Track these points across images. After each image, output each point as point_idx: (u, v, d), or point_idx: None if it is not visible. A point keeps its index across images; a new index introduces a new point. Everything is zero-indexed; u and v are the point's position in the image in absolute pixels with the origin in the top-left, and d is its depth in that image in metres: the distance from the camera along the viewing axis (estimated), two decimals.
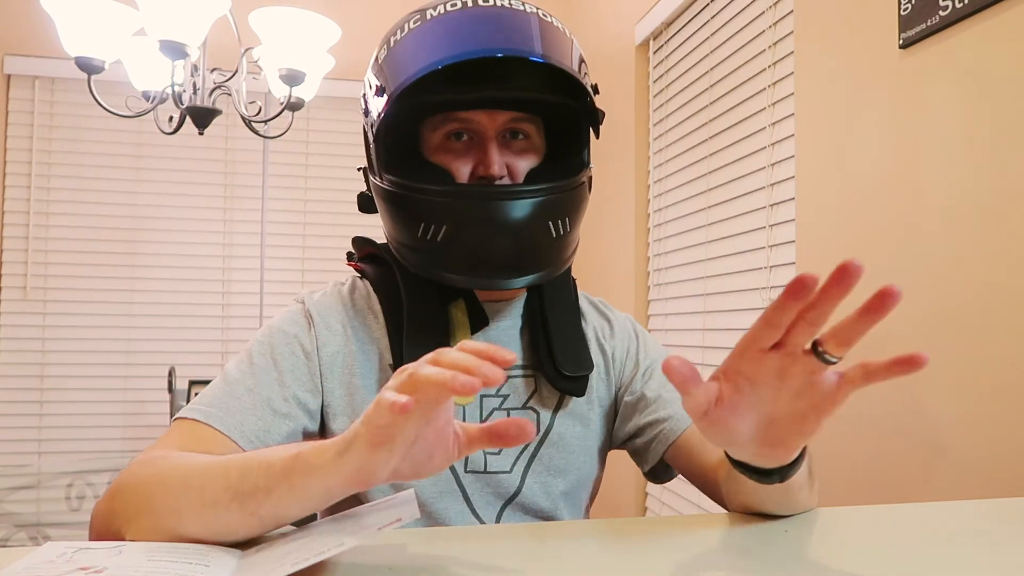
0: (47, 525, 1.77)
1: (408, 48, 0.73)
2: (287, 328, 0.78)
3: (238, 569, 0.48)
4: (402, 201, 0.75)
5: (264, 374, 0.73)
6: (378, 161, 0.78)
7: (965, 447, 1.10)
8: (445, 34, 0.71)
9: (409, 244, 0.76)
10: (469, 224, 0.72)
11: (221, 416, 0.69)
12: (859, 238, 1.36)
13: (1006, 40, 1.05)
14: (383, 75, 0.75)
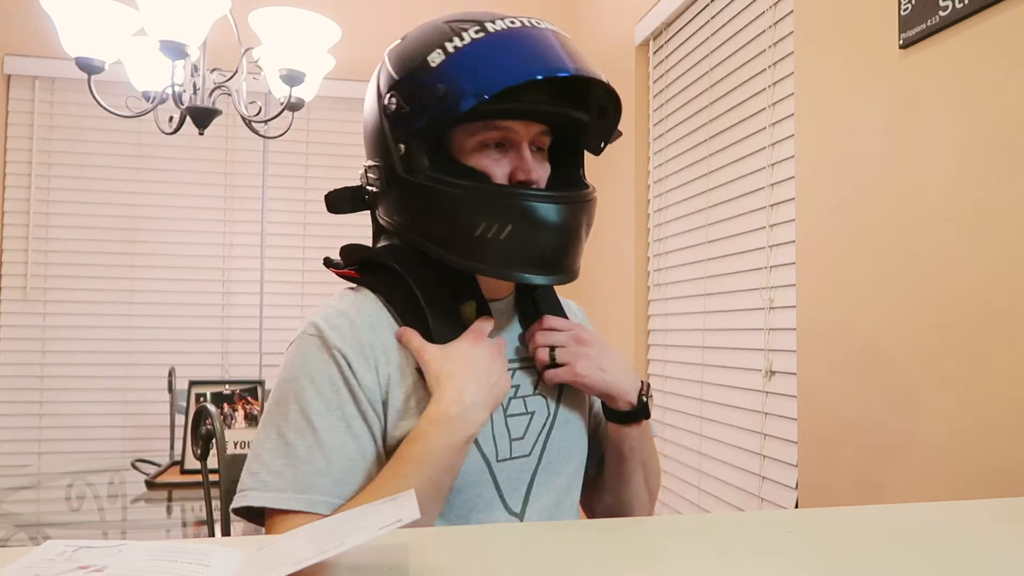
0: (47, 525, 1.77)
1: (477, 59, 0.76)
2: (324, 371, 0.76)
3: (238, 569, 0.48)
4: (459, 200, 0.77)
5: (331, 433, 0.75)
6: (420, 159, 0.79)
7: (965, 447, 1.10)
8: (522, 49, 0.76)
9: (460, 241, 0.78)
10: (532, 226, 0.77)
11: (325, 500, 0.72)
12: (859, 238, 1.36)
13: (1006, 40, 1.05)
14: (445, 79, 0.76)
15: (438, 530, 0.62)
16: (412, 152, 0.79)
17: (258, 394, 2.15)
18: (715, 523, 0.65)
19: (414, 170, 0.79)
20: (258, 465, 0.74)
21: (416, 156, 0.79)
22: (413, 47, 0.81)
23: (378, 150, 0.83)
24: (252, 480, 0.74)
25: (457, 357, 0.77)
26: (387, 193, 0.83)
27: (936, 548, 0.56)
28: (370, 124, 0.84)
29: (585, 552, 0.55)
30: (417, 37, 0.82)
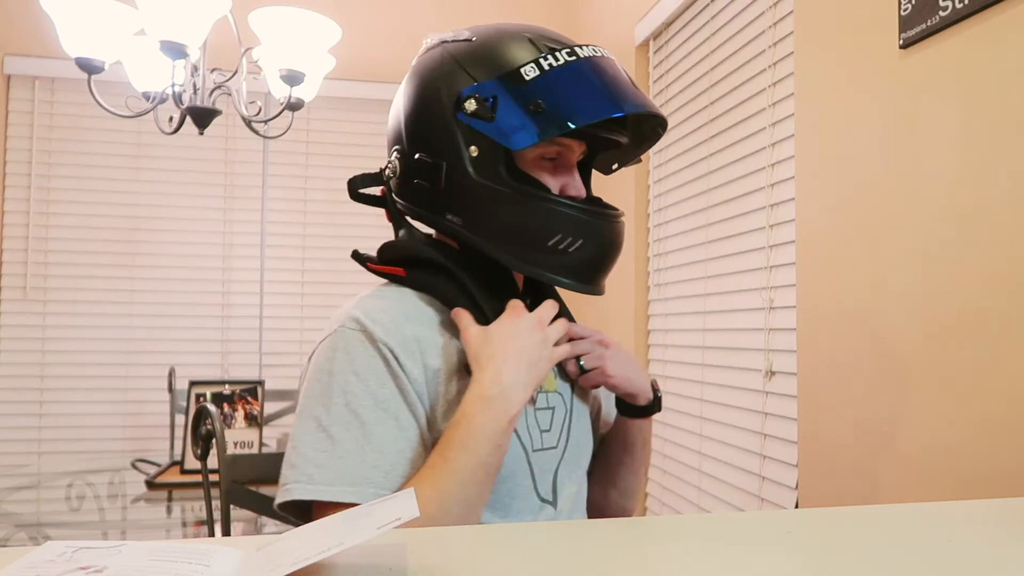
0: (47, 525, 1.77)
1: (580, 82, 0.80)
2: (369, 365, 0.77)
3: (238, 569, 0.48)
4: (539, 211, 0.81)
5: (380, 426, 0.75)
6: (502, 165, 0.80)
7: (965, 447, 1.10)
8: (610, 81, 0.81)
9: (526, 247, 0.81)
10: (597, 240, 0.83)
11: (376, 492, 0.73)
12: (859, 238, 1.36)
13: (1006, 40, 1.05)
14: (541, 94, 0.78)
15: (438, 530, 0.63)
16: (486, 156, 0.80)
17: (258, 394, 2.15)
18: (715, 523, 0.65)
19: (488, 175, 0.80)
20: (300, 459, 0.74)
21: (491, 161, 0.80)
22: (497, 55, 0.82)
23: (439, 149, 0.82)
24: (295, 473, 0.74)
25: (497, 338, 0.79)
26: (444, 191, 0.82)
27: (936, 548, 0.56)
28: (426, 121, 0.83)
29: (585, 552, 0.55)
30: (496, 44, 0.83)
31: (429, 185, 0.83)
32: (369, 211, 3.45)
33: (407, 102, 0.86)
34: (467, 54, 0.82)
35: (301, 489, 0.73)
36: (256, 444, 2.12)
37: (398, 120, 0.87)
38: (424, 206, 0.85)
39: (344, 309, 0.82)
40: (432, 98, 0.83)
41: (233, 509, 1.25)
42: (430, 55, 0.86)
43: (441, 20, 3.18)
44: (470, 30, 0.85)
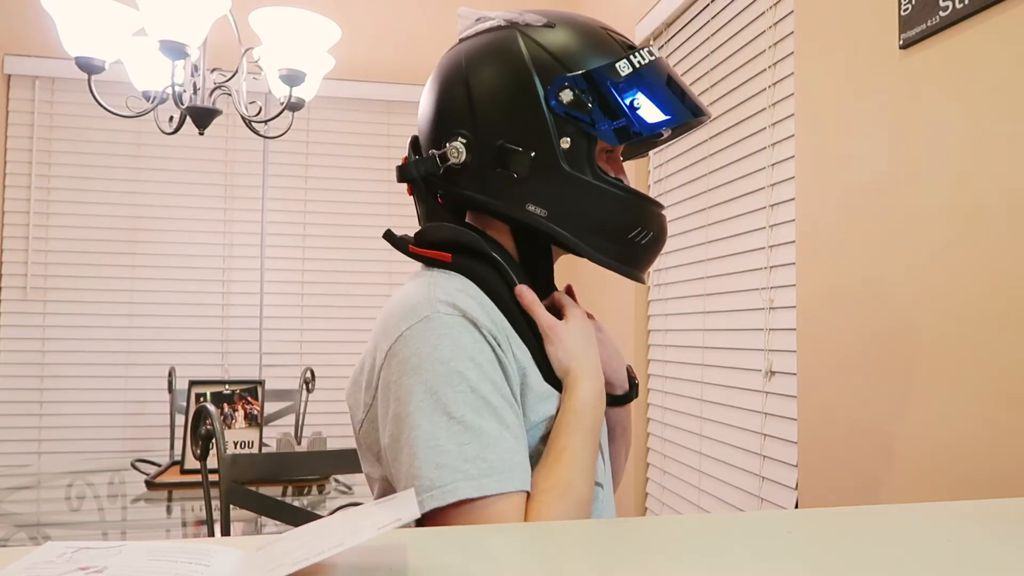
0: (47, 525, 1.77)
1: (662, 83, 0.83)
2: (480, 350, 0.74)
3: (238, 569, 0.48)
4: (627, 206, 0.83)
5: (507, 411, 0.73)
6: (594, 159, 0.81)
7: (965, 447, 1.10)
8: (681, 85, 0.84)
9: (608, 239, 0.82)
10: (661, 233, 0.86)
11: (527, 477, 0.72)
12: (859, 238, 1.36)
13: (1006, 40, 1.05)
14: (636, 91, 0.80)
15: (438, 530, 0.62)
16: (578, 148, 0.79)
17: (258, 394, 2.15)
18: (715, 523, 0.65)
19: (579, 167, 0.80)
20: (441, 456, 0.68)
21: (583, 153, 0.80)
22: (588, 46, 0.82)
23: (527, 137, 0.79)
24: (445, 473, 0.68)
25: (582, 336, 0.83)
26: (528, 181, 0.79)
27: (936, 548, 0.56)
28: (512, 107, 0.79)
29: (585, 551, 0.55)
30: (583, 35, 0.83)
31: (513, 174, 0.79)
32: (369, 211, 3.45)
33: (481, 85, 0.80)
34: (555, 42, 0.80)
35: (467, 487, 0.67)
36: (256, 444, 2.12)
37: (462, 103, 0.81)
38: (499, 195, 0.81)
39: (420, 296, 0.76)
40: (520, 84, 0.79)
41: (233, 509, 1.25)
42: (503, 36, 0.81)
43: (441, 20, 3.18)
44: (538, 14, 0.84)
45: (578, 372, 0.80)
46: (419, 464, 0.68)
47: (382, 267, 3.17)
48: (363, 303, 3.18)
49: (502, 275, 0.82)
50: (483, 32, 0.84)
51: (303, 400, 2.77)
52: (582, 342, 0.82)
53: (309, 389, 2.73)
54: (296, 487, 2.05)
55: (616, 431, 0.98)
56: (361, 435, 0.81)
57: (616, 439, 0.99)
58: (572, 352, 0.80)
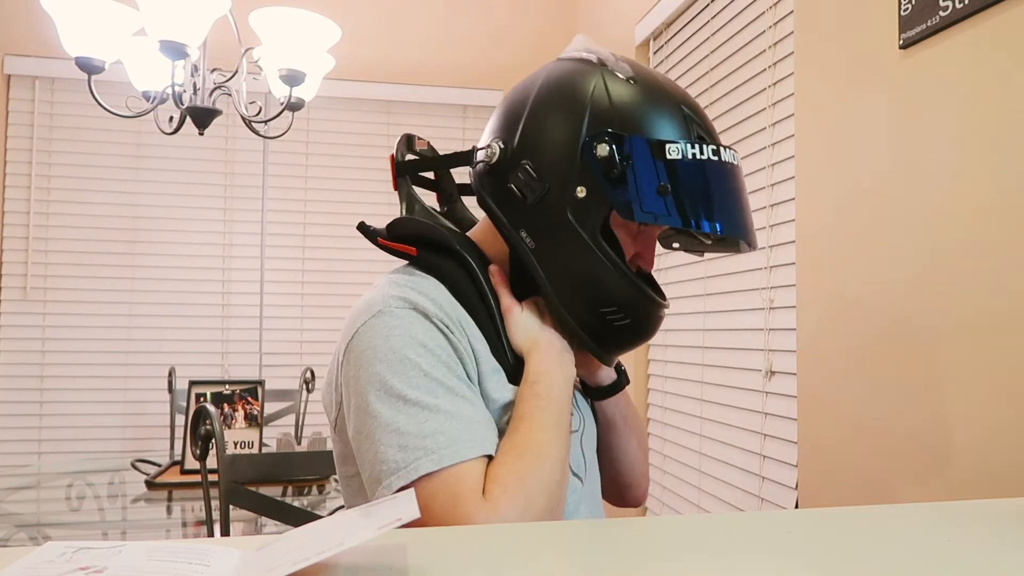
0: (47, 525, 1.77)
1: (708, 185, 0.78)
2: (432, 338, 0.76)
3: (238, 569, 0.48)
4: (611, 281, 0.80)
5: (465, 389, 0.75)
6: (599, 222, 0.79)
7: (965, 447, 1.10)
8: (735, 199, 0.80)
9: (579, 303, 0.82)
10: (641, 325, 0.84)
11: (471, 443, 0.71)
12: (859, 238, 1.36)
13: (1006, 40, 1.05)
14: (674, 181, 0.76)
15: (438, 530, 0.62)
16: (590, 203, 0.77)
17: (258, 394, 2.15)
18: (715, 523, 0.65)
19: (583, 222, 0.78)
20: (402, 438, 0.70)
21: (592, 210, 0.78)
22: (647, 115, 0.78)
23: (549, 170, 0.79)
24: (407, 453, 0.70)
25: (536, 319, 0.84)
26: (531, 209, 0.80)
27: (936, 548, 0.56)
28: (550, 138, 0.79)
29: (585, 552, 0.55)
30: (652, 102, 0.79)
31: (520, 195, 0.80)
32: (369, 211, 3.45)
33: (539, 105, 0.81)
34: (622, 97, 0.79)
35: (428, 462, 0.69)
36: (256, 444, 2.12)
37: (519, 113, 0.82)
38: (504, 209, 0.82)
39: (376, 293, 0.78)
40: (569, 119, 0.79)
41: (233, 509, 1.25)
42: (584, 71, 0.81)
43: (441, 20, 3.18)
44: (631, 66, 0.82)
45: (529, 347, 0.81)
46: (383, 449, 0.71)
47: (382, 267, 3.17)
48: None
49: (467, 270, 0.83)
50: (576, 60, 0.84)
51: (303, 400, 2.77)
52: (535, 321, 0.83)
53: (309, 389, 2.73)
54: (296, 487, 2.05)
55: (616, 422, 0.97)
56: (336, 433, 0.82)
57: (618, 430, 0.98)
58: (524, 329, 0.82)
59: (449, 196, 0.96)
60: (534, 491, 0.71)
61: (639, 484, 1.02)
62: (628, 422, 0.99)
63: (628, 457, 1.00)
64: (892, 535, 0.59)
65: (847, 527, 0.62)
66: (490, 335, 0.82)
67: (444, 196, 0.96)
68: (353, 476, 0.81)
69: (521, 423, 0.75)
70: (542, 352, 0.81)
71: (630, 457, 1.00)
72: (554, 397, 0.78)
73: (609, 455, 0.99)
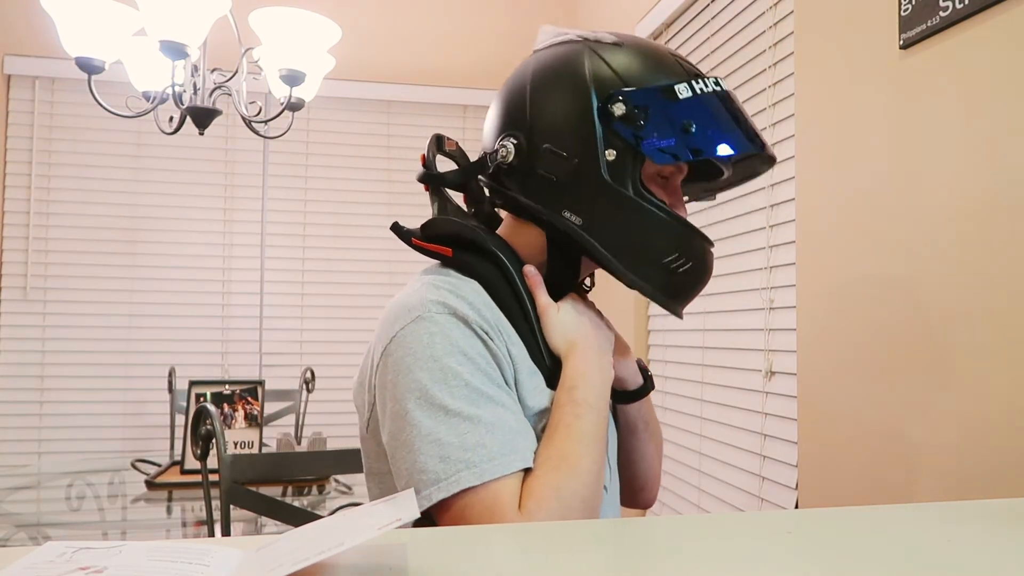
0: (47, 525, 1.77)
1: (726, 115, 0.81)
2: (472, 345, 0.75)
3: (238, 569, 0.48)
4: (668, 229, 0.81)
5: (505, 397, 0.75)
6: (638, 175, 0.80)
7: (965, 447, 1.10)
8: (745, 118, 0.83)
9: (643, 261, 0.81)
10: (704, 267, 0.84)
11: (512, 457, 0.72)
12: (859, 238, 1.36)
13: (1006, 41, 1.05)
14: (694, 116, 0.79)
15: (438, 530, 0.62)
16: (622, 162, 0.79)
17: (258, 394, 2.15)
18: (715, 523, 0.65)
19: (621, 181, 0.79)
20: (443, 449, 0.70)
21: (626, 168, 0.79)
22: (648, 66, 0.81)
23: (573, 145, 0.80)
24: (448, 465, 0.69)
25: (576, 316, 0.83)
26: (568, 187, 0.80)
27: (936, 548, 0.56)
28: (565, 114, 0.80)
29: (585, 552, 0.55)
30: (647, 56, 0.82)
31: (555, 178, 0.80)
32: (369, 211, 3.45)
33: (539, 91, 0.82)
34: (618, 58, 0.81)
35: (469, 476, 0.69)
36: (256, 444, 2.12)
37: (521, 107, 0.83)
38: (539, 198, 0.82)
39: (414, 295, 0.78)
40: (575, 93, 0.80)
41: (233, 509, 1.25)
42: (571, 49, 0.83)
43: (442, 20, 3.18)
44: (612, 34, 0.84)
45: (567, 348, 0.81)
46: (423, 460, 0.70)
47: (382, 267, 3.17)
48: (363, 303, 3.18)
49: (502, 271, 0.82)
50: (556, 45, 0.85)
51: (303, 400, 2.77)
52: (573, 322, 0.82)
53: (309, 389, 2.73)
54: (296, 487, 2.05)
55: (638, 427, 0.97)
56: (369, 433, 0.82)
57: (638, 435, 0.98)
58: (561, 330, 0.81)
59: (477, 196, 0.94)
60: (570, 503, 0.71)
61: (651, 488, 1.02)
62: (649, 427, 0.98)
63: (646, 461, 0.99)
64: (892, 535, 0.59)
65: (847, 527, 0.62)
66: (526, 337, 0.82)
67: (472, 197, 0.94)
68: (386, 474, 0.80)
69: (557, 431, 0.75)
70: (580, 354, 0.80)
71: (647, 461, 1.00)
72: (591, 403, 0.77)
73: (627, 458, 0.99)
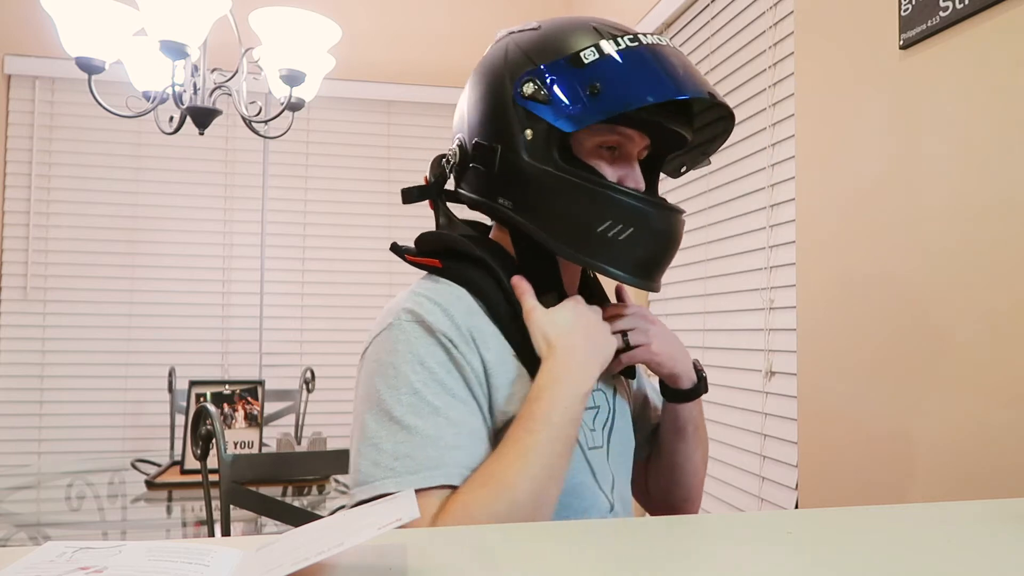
0: (47, 525, 1.77)
1: (630, 68, 0.78)
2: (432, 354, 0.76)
3: (238, 569, 0.48)
4: (590, 195, 0.79)
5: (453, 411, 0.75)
6: (551, 147, 0.80)
7: (965, 447, 1.10)
8: (663, 67, 0.78)
9: (578, 234, 0.80)
10: (650, 231, 0.80)
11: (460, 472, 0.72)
12: (859, 238, 1.36)
13: (1006, 41, 1.05)
14: (599, 78, 0.77)
15: (438, 530, 0.63)
16: (540, 140, 0.79)
17: (258, 394, 2.15)
18: (715, 523, 0.65)
19: (541, 158, 0.79)
20: (378, 454, 0.73)
21: (545, 145, 0.79)
22: (557, 41, 0.81)
23: (496, 133, 0.82)
24: (378, 470, 0.72)
25: (564, 315, 0.81)
26: (498, 175, 0.82)
27: (936, 548, 0.56)
28: (486, 106, 0.83)
29: (585, 552, 0.55)
30: (559, 32, 0.82)
31: (484, 169, 0.82)
32: (369, 211, 3.44)
33: (470, 91, 0.86)
34: (531, 41, 0.82)
35: (389, 484, 0.71)
36: (256, 444, 2.12)
37: (462, 109, 0.87)
38: (478, 190, 0.85)
39: (396, 302, 0.81)
40: (493, 84, 0.82)
41: (233, 509, 1.25)
42: (497, 46, 0.86)
43: (441, 20, 3.18)
44: (539, 21, 0.85)
45: (546, 350, 0.78)
46: (360, 460, 0.74)
47: (382, 267, 3.17)
48: (363, 303, 3.18)
49: (492, 275, 0.83)
50: (492, 47, 0.87)
51: (303, 400, 2.77)
52: (558, 322, 0.79)
53: (309, 389, 2.73)
54: (296, 487, 2.05)
55: (687, 430, 0.95)
56: None
57: (687, 439, 0.95)
58: (542, 331, 0.79)
59: None
60: (484, 523, 0.69)
61: (695, 500, 1.00)
62: (699, 432, 0.96)
63: (691, 467, 0.97)
64: (892, 535, 0.59)
65: (847, 527, 0.62)
66: (515, 341, 0.82)
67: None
68: None
69: (503, 446, 0.74)
70: (556, 357, 0.78)
71: (693, 467, 0.97)
72: (549, 418, 0.74)
73: (672, 464, 0.97)
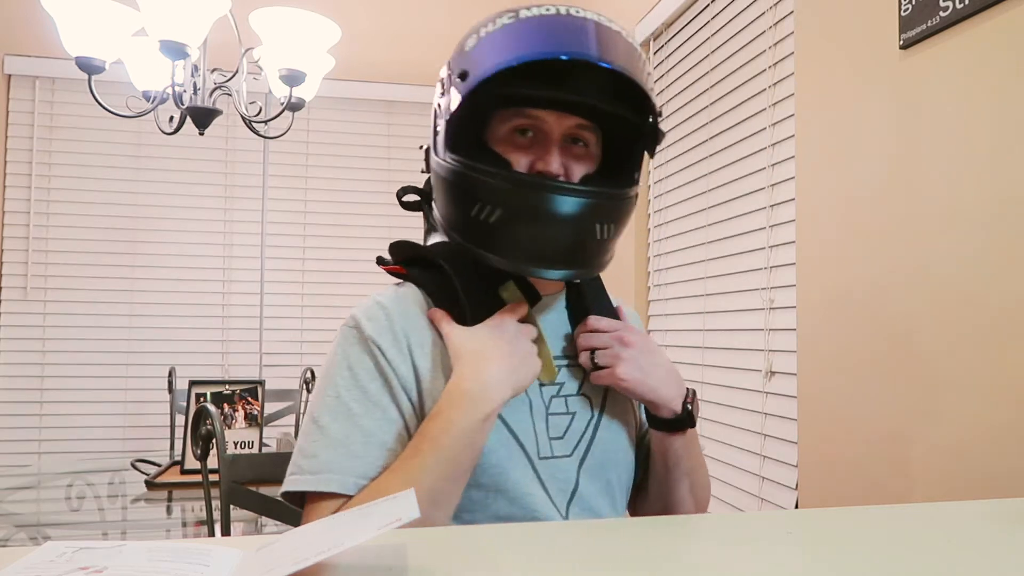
0: (47, 525, 1.77)
1: (495, 42, 0.76)
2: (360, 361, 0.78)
3: (238, 569, 0.48)
4: (460, 180, 0.78)
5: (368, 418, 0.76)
6: (444, 141, 0.80)
7: (965, 447, 1.10)
8: (528, 34, 0.75)
9: (461, 222, 0.80)
10: (523, 211, 0.75)
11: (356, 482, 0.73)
12: (859, 239, 1.36)
13: (1006, 41, 1.05)
14: (469, 62, 0.77)
15: (438, 530, 0.63)
16: (443, 136, 0.80)
17: (258, 394, 2.15)
18: (715, 523, 0.65)
19: (440, 151, 0.81)
20: (296, 452, 0.77)
21: (447, 140, 0.80)
22: (462, 38, 0.82)
23: (432, 132, 0.85)
24: (293, 466, 0.76)
25: (480, 336, 0.77)
26: (429, 178, 0.86)
27: (936, 548, 0.56)
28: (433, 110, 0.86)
29: (585, 552, 0.55)
30: (475, 27, 0.82)
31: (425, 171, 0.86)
32: (369, 211, 3.43)
33: None
34: (461, 43, 0.82)
35: (293, 480, 0.75)
36: (256, 444, 2.11)
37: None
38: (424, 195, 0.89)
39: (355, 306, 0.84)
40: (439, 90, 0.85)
41: (233, 509, 1.25)
42: None
43: (441, 20, 3.18)
44: None
45: (455, 371, 0.75)
46: (293, 455, 0.77)
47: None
48: None
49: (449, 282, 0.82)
50: None
51: (303, 400, 2.77)
52: (470, 346, 0.76)
53: (309, 389, 2.73)
54: None
55: (668, 463, 0.87)
56: None
57: (671, 470, 0.88)
58: (453, 350, 0.77)
59: None
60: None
61: None
62: (681, 465, 0.88)
63: (675, 497, 0.90)
64: (892, 535, 0.59)
65: (847, 527, 0.62)
66: None
67: None
68: None
69: (396, 462, 0.74)
70: (459, 378, 0.74)
71: (677, 499, 0.90)
72: (440, 441, 0.72)
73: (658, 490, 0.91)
